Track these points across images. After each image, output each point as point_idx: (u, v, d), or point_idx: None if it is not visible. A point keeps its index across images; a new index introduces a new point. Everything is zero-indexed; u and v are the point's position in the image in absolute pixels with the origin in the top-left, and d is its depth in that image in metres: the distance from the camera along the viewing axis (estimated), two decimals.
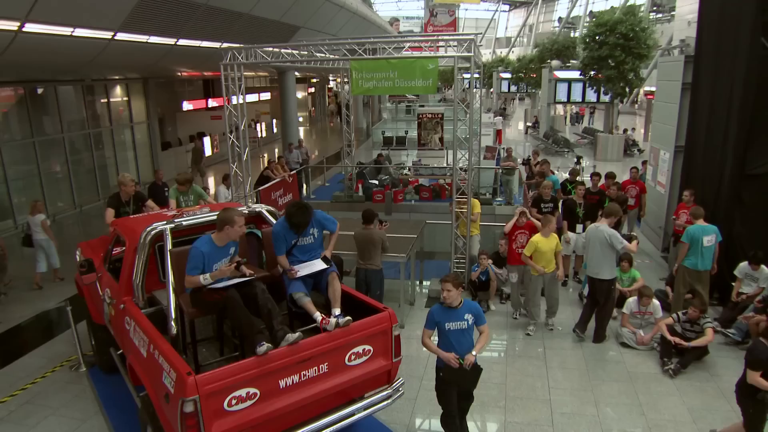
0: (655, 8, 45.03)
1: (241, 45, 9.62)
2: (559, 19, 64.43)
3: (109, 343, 6.64)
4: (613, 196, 9.65)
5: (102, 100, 18.14)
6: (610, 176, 10.68)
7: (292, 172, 15.22)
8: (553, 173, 12.37)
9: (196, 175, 18.65)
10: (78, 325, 7.48)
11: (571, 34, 36.71)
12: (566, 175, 12.10)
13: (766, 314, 7.32)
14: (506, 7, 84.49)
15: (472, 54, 8.32)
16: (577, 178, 10.66)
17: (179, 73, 18.04)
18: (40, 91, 15.14)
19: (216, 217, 5.19)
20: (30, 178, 15.00)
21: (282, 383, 4.54)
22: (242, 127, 10.09)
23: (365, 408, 5.05)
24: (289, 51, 9.36)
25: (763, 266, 7.87)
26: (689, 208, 8.81)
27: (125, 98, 19.32)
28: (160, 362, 4.47)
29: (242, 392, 4.32)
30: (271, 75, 25.43)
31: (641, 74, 22.59)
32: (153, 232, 5.45)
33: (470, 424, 5.93)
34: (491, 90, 48.98)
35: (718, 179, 8.78)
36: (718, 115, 8.78)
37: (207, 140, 25.84)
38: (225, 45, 9.74)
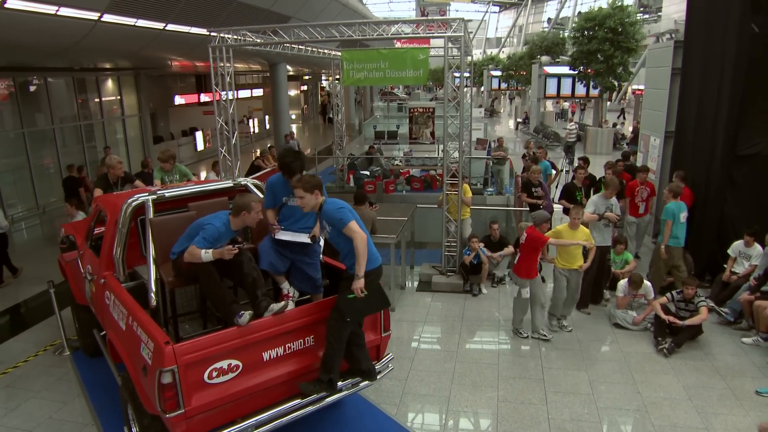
0: (642, 9, 45.21)
1: (230, 28, 9.43)
2: (549, 20, 64.66)
3: (92, 325, 6.45)
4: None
5: (93, 93, 17.93)
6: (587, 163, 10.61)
7: None
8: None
9: None
10: (64, 311, 7.31)
11: (560, 35, 36.72)
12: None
13: (761, 292, 7.27)
14: (496, 9, 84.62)
15: (462, 35, 8.19)
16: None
17: (170, 62, 17.71)
18: (32, 88, 14.96)
19: (203, 190, 5.05)
20: (20, 171, 14.84)
21: (266, 356, 4.39)
22: (231, 110, 9.90)
23: (353, 384, 4.88)
24: (277, 34, 9.16)
25: (756, 243, 7.81)
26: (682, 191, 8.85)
27: (117, 91, 19.13)
28: (138, 333, 4.30)
29: (223, 364, 4.16)
30: (263, 68, 25.27)
31: (630, 68, 22.61)
32: (134, 204, 5.27)
33: (463, 405, 5.84)
34: (482, 88, 49.04)
35: (709, 162, 8.73)
36: (708, 97, 8.74)
37: (199, 135, 25.74)
38: (214, 34, 9.52)
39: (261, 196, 5.57)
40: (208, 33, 9.47)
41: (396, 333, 7.50)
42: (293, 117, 42.57)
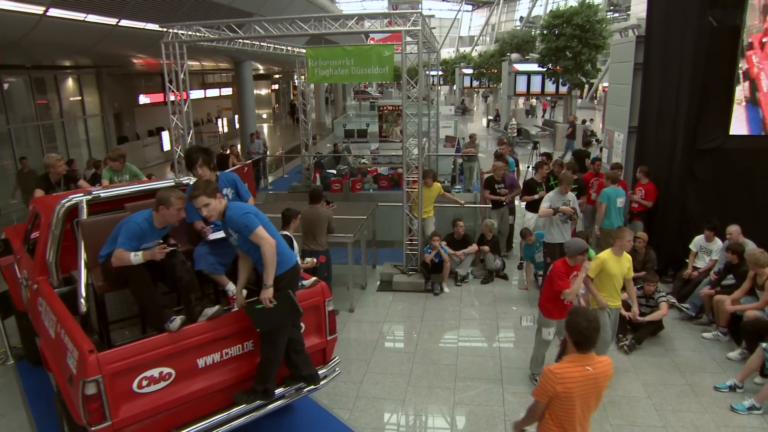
0: (611, 8, 45.69)
1: (183, 23, 9.14)
2: (521, 18, 65.07)
3: (33, 332, 6.13)
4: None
5: (52, 92, 17.42)
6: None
7: (248, 162, 14.81)
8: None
9: None
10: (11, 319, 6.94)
11: (531, 33, 36.91)
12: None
13: (721, 287, 7.23)
14: (469, 7, 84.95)
15: (420, 29, 8.02)
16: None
17: (133, 60, 17.28)
18: None
19: (142, 190, 4.79)
20: None
21: (201, 362, 4.18)
22: (185, 108, 9.60)
23: (297, 390, 4.67)
24: (232, 30, 8.89)
25: (716, 238, 7.78)
26: (645, 185, 8.90)
27: (77, 90, 18.61)
28: (66, 342, 4.04)
29: (154, 372, 3.94)
30: (232, 67, 24.90)
31: (598, 65, 22.73)
32: (67, 205, 4.99)
33: (418, 408, 5.67)
34: (455, 86, 49.06)
35: (670, 157, 8.70)
36: (669, 92, 8.69)
37: (165, 135, 25.21)
38: (167, 29, 9.20)
39: None
40: (165, 30, 9.13)
41: (354, 335, 7.33)
42: (264, 116, 42.21)
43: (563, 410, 3.47)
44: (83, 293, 4.54)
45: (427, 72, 15.04)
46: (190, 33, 9.11)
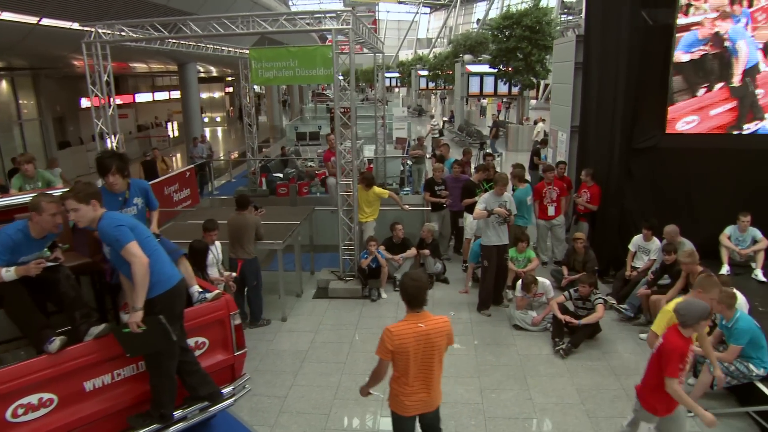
0: (566, 11, 46.29)
1: (105, 21, 8.66)
2: (478, 20, 65.57)
3: None
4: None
5: None
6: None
7: (190, 167, 14.36)
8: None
9: None
10: None
11: (485, 34, 37.13)
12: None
13: (657, 286, 7.15)
14: (427, 10, 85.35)
15: (351, 27, 7.77)
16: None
17: (72, 61, 16.51)
18: None
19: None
20: None
21: (89, 385, 3.83)
22: (110, 112, 9.12)
23: (201, 410, 4.34)
24: (157, 29, 8.46)
25: (654, 237, 7.72)
26: (590, 188, 8.86)
27: (11, 93, 17.75)
28: None
29: (32, 399, 3.58)
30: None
31: (548, 66, 22.87)
32: None
33: (342, 422, 5.39)
34: (413, 89, 49.02)
35: (609, 155, 8.66)
36: (606, 91, 8.62)
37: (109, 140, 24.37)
38: (87, 29, 8.68)
39: None
40: (80, 28, 8.64)
41: (283, 345, 7.02)
42: (218, 120, 41.44)
43: (403, 364, 3.79)
44: None
45: (378, 74, 14.83)
46: (112, 32, 8.60)
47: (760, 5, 7.81)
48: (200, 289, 4.39)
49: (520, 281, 7.33)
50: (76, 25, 11.80)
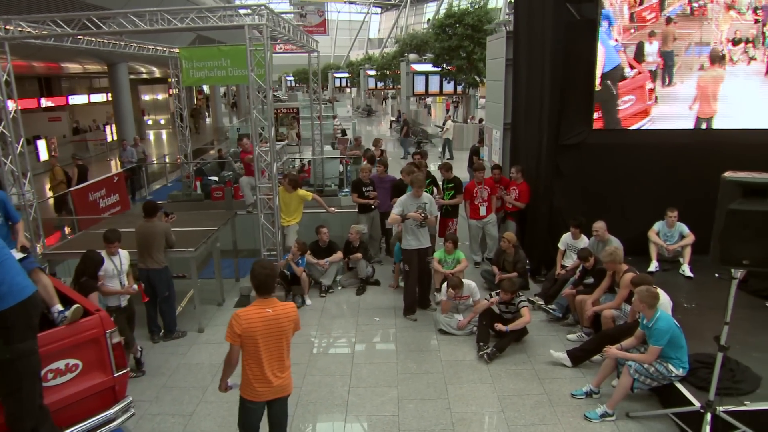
0: (511, 12, 46.75)
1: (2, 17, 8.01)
2: (428, 20, 65.75)
3: None
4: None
5: None
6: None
7: (119, 171, 13.76)
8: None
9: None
10: None
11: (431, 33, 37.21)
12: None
13: (583, 286, 7.02)
14: (378, 10, 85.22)
15: (265, 23, 7.38)
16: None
17: None
18: None
19: None
20: None
21: None
22: (12, 115, 8.46)
23: None
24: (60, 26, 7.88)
25: (583, 235, 7.60)
26: (519, 185, 8.75)
27: None
28: None
29: None
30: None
31: None
32: None
33: None
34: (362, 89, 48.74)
35: (538, 153, 8.51)
36: (534, 88, 8.48)
37: (42, 144, 23.25)
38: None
39: None
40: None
41: (195, 358, 6.59)
42: (162, 122, 40.25)
43: (253, 348, 3.87)
44: None
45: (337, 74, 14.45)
46: (12, 28, 7.98)
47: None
48: (60, 309, 3.95)
49: (445, 283, 7.08)
50: None
